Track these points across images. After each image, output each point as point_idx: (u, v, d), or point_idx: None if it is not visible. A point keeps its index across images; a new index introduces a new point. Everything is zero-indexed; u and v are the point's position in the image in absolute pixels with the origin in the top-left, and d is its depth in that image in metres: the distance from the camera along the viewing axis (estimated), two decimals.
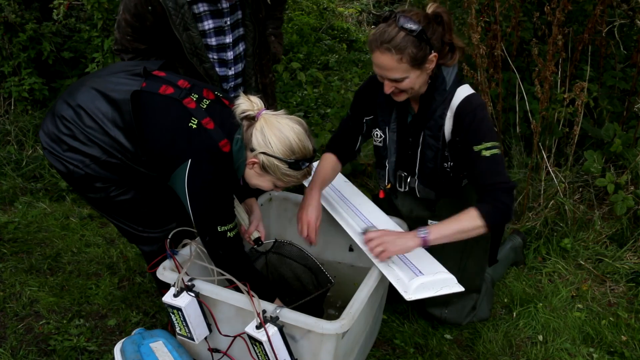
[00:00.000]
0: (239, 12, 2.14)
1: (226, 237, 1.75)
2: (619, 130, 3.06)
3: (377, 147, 2.11)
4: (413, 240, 1.78)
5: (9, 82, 3.89)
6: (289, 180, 1.76)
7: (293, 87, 4.85)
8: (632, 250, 2.71)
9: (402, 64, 1.74)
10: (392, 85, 1.82)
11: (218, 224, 1.73)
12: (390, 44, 1.72)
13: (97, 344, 2.15)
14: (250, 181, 1.82)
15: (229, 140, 1.74)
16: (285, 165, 1.70)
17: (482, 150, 1.79)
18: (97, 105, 1.75)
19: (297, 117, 1.77)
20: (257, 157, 1.70)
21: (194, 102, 1.75)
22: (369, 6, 8.18)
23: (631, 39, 3.40)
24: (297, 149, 1.70)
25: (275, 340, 1.55)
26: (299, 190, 2.89)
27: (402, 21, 1.72)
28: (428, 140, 1.94)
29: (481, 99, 1.94)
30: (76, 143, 1.76)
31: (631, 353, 2.13)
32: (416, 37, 1.71)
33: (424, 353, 2.13)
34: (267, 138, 1.68)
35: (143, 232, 1.96)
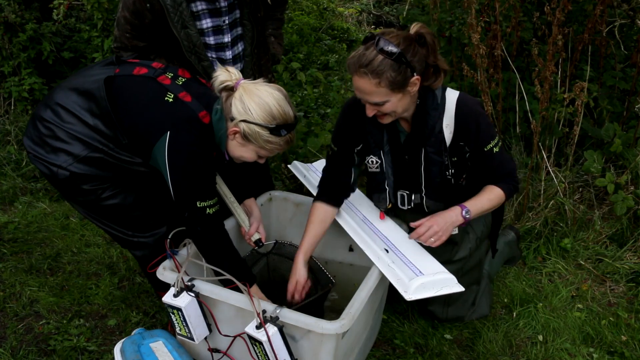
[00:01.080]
0: (237, 11, 2.14)
1: (205, 213, 1.72)
2: (619, 130, 3.06)
3: (374, 174, 2.05)
4: (457, 220, 1.90)
5: (9, 82, 3.89)
6: (271, 147, 1.74)
7: (293, 87, 4.85)
8: (632, 250, 2.71)
9: (380, 88, 1.70)
10: (375, 109, 1.79)
11: (197, 199, 1.70)
12: (367, 68, 1.68)
13: (97, 344, 2.15)
14: (234, 153, 1.80)
15: (208, 111, 1.72)
16: (267, 131, 1.69)
17: (493, 148, 1.90)
18: (73, 100, 1.76)
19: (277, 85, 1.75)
20: (237, 126, 1.69)
21: (169, 80, 1.75)
22: (369, 6, 8.18)
23: (631, 39, 3.40)
24: (277, 114, 1.69)
25: (275, 340, 1.55)
26: (299, 190, 2.89)
27: (381, 44, 1.67)
28: (431, 157, 1.92)
29: (471, 97, 1.96)
30: (58, 143, 1.76)
31: (631, 353, 2.13)
32: (394, 60, 1.66)
33: (424, 353, 2.13)
34: (246, 105, 1.67)
35: (133, 236, 1.95)
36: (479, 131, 1.87)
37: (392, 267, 1.83)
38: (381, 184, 2.05)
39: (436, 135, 1.89)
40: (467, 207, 1.90)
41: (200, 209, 1.71)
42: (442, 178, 1.96)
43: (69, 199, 1.95)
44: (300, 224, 2.36)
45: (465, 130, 1.87)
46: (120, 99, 1.73)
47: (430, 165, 1.95)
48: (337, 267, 2.33)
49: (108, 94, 1.71)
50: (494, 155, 1.91)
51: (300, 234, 2.37)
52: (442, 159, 1.92)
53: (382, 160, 2.01)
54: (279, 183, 3.25)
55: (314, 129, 3.55)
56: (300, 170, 2.46)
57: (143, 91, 1.75)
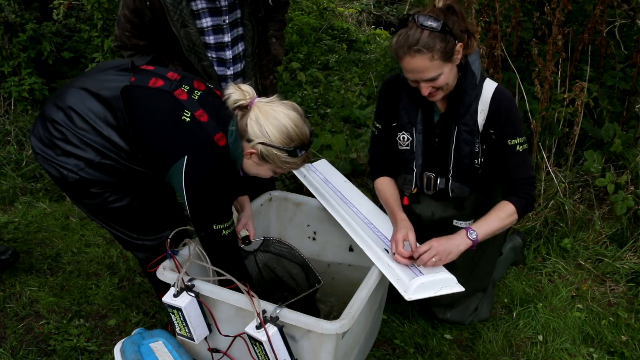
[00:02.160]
0: (238, 10, 2.14)
1: (221, 235, 1.74)
2: (619, 130, 3.06)
3: (404, 152, 2.05)
4: (464, 244, 1.84)
5: (9, 82, 3.89)
6: (288, 167, 1.75)
7: (293, 87, 4.85)
8: (632, 250, 2.71)
9: (434, 61, 1.74)
10: (429, 85, 1.81)
11: (214, 222, 1.71)
12: (419, 45, 1.71)
13: (97, 344, 2.15)
14: (250, 171, 1.80)
15: (224, 133, 1.71)
16: (285, 153, 1.68)
17: (517, 145, 1.89)
18: (87, 106, 1.72)
19: (291, 102, 1.74)
20: (254, 148, 1.69)
21: (186, 94, 1.73)
22: (369, 6, 8.18)
23: (631, 39, 3.40)
24: (295, 136, 1.68)
25: (275, 340, 1.55)
26: (299, 190, 2.89)
27: (422, 19, 1.72)
28: (464, 135, 1.93)
29: (508, 90, 1.96)
30: (69, 147, 1.73)
31: (631, 353, 2.13)
32: (440, 32, 1.72)
33: (424, 353, 2.13)
34: (263, 128, 1.66)
35: (137, 239, 1.94)
36: (508, 122, 1.88)
37: (392, 267, 1.83)
38: (409, 163, 2.04)
39: (471, 114, 1.90)
40: (472, 228, 1.86)
41: (216, 231, 1.73)
42: (470, 161, 1.95)
43: (75, 200, 1.93)
44: (300, 223, 2.37)
45: (496, 117, 1.88)
46: (137, 113, 1.71)
47: (461, 144, 1.94)
48: (337, 267, 2.34)
49: (125, 106, 1.69)
50: (515, 153, 1.89)
51: (301, 233, 2.38)
52: (473, 139, 1.92)
53: (414, 138, 2.01)
54: (279, 183, 3.25)
55: (313, 129, 3.55)
56: (301, 170, 2.46)
57: (160, 108, 1.73)
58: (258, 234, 2.33)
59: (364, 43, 6.68)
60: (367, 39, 6.80)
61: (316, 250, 2.36)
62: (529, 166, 1.97)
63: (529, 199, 1.92)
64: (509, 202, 1.89)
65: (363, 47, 6.58)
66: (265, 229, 2.38)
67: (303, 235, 2.38)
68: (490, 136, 1.91)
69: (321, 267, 2.29)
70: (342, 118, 3.98)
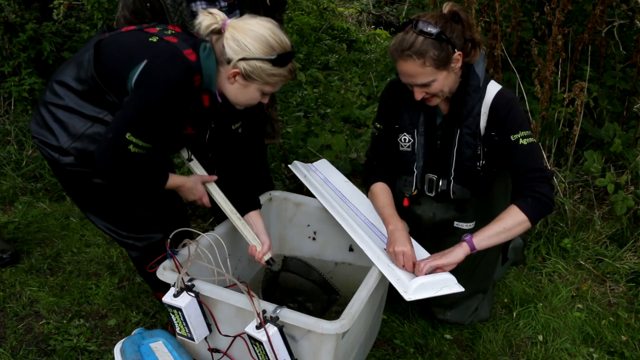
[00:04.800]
0: (237, 11, 2.14)
1: (126, 147, 1.60)
2: (619, 130, 3.06)
3: (404, 153, 2.04)
4: (461, 250, 1.79)
5: (9, 82, 3.89)
6: (276, 80, 1.68)
7: (293, 87, 4.86)
8: (632, 250, 2.71)
9: (426, 68, 1.73)
10: (422, 91, 1.81)
11: (131, 131, 1.59)
12: (411, 50, 1.71)
13: (97, 344, 2.15)
14: (238, 99, 1.73)
15: (195, 50, 1.63)
16: (269, 64, 1.62)
17: (520, 139, 1.82)
18: (67, 72, 1.74)
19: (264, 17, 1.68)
20: (236, 67, 1.62)
21: (156, 30, 1.70)
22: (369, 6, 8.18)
23: (631, 39, 3.40)
24: (275, 44, 1.62)
25: (275, 340, 1.55)
26: (299, 190, 2.89)
27: (420, 26, 1.71)
28: (466, 138, 1.92)
29: (512, 92, 1.94)
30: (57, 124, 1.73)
31: (631, 353, 2.13)
32: (435, 39, 1.71)
33: (424, 353, 2.13)
34: (241, 42, 1.60)
35: (127, 237, 1.93)
36: (508, 118, 1.85)
37: (392, 267, 1.83)
38: (410, 165, 2.04)
39: (474, 117, 1.89)
40: (474, 242, 1.79)
41: (125, 141, 1.60)
42: (472, 164, 1.94)
43: (69, 192, 1.93)
44: (300, 223, 2.37)
45: (496, 117, 1.87)
46: (104, 53, 1.68)
47: (463, 147, 1.93)
48: (337, 267, 2.34)
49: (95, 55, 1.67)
50: (520, 146, 1.81)
51: (301, 233, 2.38)
52: (475, 142, 1.91)
53: (415, 140, 2.01)
54: (279, 183, 3.25)
55: (313, 129, 3.55)
56: (301, 170, 2.46)
57: (127, 40, 1.70)
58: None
59: (364, 43, 6.69)
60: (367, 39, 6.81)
61: (316, 250, 2.36)
62: (538, 159, 1.84)
63: (537, 196, 1.76)
64: (514, 204, 1.79)
65: (363, 47, 6.59)
66: (265, 229, 2.38)
67: (303, 235, 2.38)
68: (492, 138, 1.90)
69: (327, 267, 2.29)
70: (342, 118, 3.98)
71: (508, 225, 1.77)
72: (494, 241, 1.80)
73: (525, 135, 1.82)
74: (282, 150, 3.40)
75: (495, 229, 1.78)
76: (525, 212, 1.76)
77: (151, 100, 1.59)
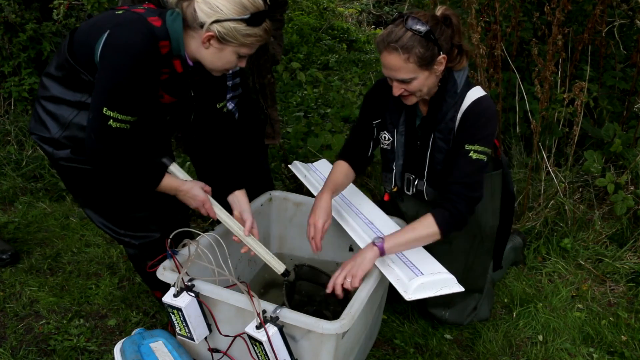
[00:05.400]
0: None
1: (106, 123, 1.58)
2: (619, 130, 3.06)
3: (385, 150, 2.09)
4: (371, 252, 1.78)
5: (9, 82, 3.89)
6: (252, 41, 1.64)
7: (293, 87, 4.86)
8: (632, 250, 2.71)
9: (409, 64, 1.74)
10: (401, 87, 1.81)
11: (106, 105, 1.57)
12: (397, 44, 1.72)
13: (97, 344, 2.15)
14: (214, 64, 1.69)
15: (161, 17, 1.61)
16: (243, 24, 1.59)
17: (472, 151, 1.81)
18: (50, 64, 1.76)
19: None
20: (210, 30, 1.59)
21: (126, 6, 1.70)
22: (369, 6, 8.19)
23: (631, 39, 3.40)
24: (247, 3, 1.59)
25: (275, 340, 1.55)
26: (299, 190, 2.89)
27: (410, 22, 1.72)
28: (438, 142, 1.93)
29: (491, 101, 1.91)
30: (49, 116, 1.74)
31: (631, 353, 2.13)
32: (423, 37, 1.71)
33: (424, 353, 2.13)
34: (212, 4, 1.57)
35: (124, 236, 1.93)
36: (471, 126, 1.84)
37: (392, 267, 1.83)
38: (390, 163, 2.08)
39: (447, 123, 1.89)
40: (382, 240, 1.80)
41: (104, 117, 1.57)
42: (444, 167, 1.95)
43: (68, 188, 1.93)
44: (300, 224, 2.36)
45: (463, 122, 1.87)
46: (76, 35, 1.68)
47: (435, 151, 1.95)
48: (338, 267, 2.33)
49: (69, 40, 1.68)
50: (467, 159, 1.80)
51: (301, 233, 2.37)
52: (447, 146, 1.92)
53: (394, 139, 2.03)
54: (279, 183, 3.25)
55: (314, 129, 3.55)
56: (301, 170, 2.46)
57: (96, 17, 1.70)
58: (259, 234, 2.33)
59: (364, 43, 6.69)
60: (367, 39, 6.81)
61: None
62: (476, 176, 1.82)
63: (454, 213, 1.78)
64: (430, 214, 1.80)
65: (363, 47, 6.59)
66: (266, 229, 2.38)
67: (303, 235, 2.37)
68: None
69: (327, 267, 2.28)
70: (342, 118, 3.98)
71: (420, 235, 1.81)
72: (403, 249, 1.83)
73: (479, 150, 1.80)
74: (282, 150, 3.40)
75: (407, 237, 1.81)
76: (439, 226, 1.78)
77: (117, 68, 1.56)
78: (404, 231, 1.84)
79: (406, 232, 1.82)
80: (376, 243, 1.79)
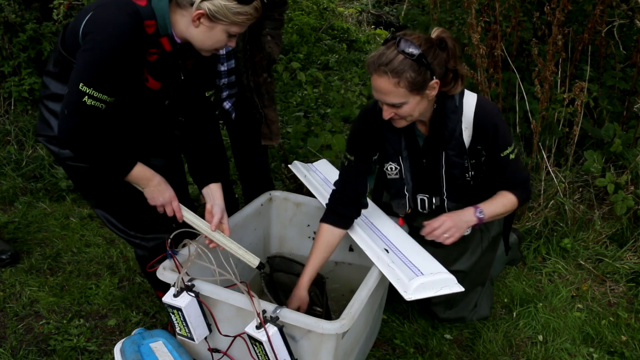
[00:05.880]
0: None
1: (81, 99, 1.55)
2: (619, 130, 3.06)
3: (394, 180, 2.02)
4: (472, 220, 1.90)
5: (9, 82, 3.89)
6: (242, 19, 1.62)
7: (293, 87, 4.86)
8: (632, 250, 2.71)
9: (399, 88, 1.68)
10: (391, 111, 1.76)
11: (83, 81, 1.55)
12: (388, 67, 1.66)
13: (97, 344, 2.15)
14: (204, 44, 1.67)
15: None
16: (234, 1, 1.57)
17: (510, 155, 1.90)
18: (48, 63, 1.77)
19: None
20: (200, 8, 1.58)
21: None
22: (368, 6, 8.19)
23: (631, 39, 3.40)
24: None
25: (275, 340, 1.55)
26: (299, 190, 2.90)
27: (402, 45, 1.66)
28: (453, 160, 1.91)
29: (486, 99, 1.93)
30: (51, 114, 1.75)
31: (631, 353, 2.13)
32: (415, 61, 1.65)
33: (424, 353, 2.13)
34: None
35: (135, 237, 1.92)
36: (497, 136, 1.85)
37: (392, 267, 1.83)
38: (400, 190, 2.02)
39: (457, 139, 1.87)
40: (480, 207, 1.90)
41: (79, 92, 1.55)
42: (462, 180, 1.95)
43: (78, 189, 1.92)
44: (300, 223, 2.37)
45: (483, 133, 1.86)
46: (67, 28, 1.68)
47: (451, 168, 1.93)
48: (337, 267, 2.33)
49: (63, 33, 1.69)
50: (510, 162, 1.90)
51: (301, 233, 2.38)
52: (462, 161, 1.91)
53: (402, 167, 1.98)
54: (279, 183, 3.25)
55: (314, 129, 3.55)
56: (301, 170, 2.46)
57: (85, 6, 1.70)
58: (258, 234, 2.33)
59: (364, 43, 6.69)
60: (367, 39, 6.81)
61: None
62: (522, 168, 2.00)
63: (527, 192, 2.01)
64: (510, 193, 1.94)
65: (363, 47, 6.59)
66: (266, 229, 2.38)
67: (303, 235, 2.39)
68: (479, 152, 1.91)
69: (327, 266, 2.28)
70: (342, 118, 3.98)
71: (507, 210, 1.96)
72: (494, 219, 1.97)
73: (512, 149, 1.91)
74: (282, 150, 3.40)
75: (500, 210, 1.94)
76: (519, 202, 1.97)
77: (97, 46, 1.55)
78: (497, 205, 1.93)
79: (498, 207, 1.93)
80: (478, 215, 1.89)
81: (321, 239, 1.98)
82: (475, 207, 1.90)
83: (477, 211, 1.89)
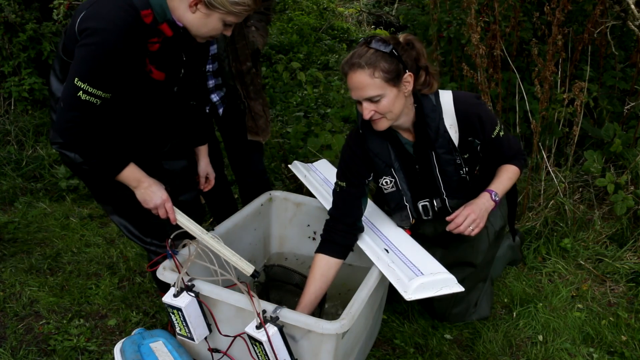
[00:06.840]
0: None
1: (76, 94, 1.56)
2: (619, 130, 3.06)
3: (391, 194, 2.02)
4: (489, 205, 1.94)
5: (9, 82, 3.89)
6: (240, 10, 1.61)
7: (293, 87, 4.86)
8: (632, 250, 2.71)
9: (375, 79, 1.72)
10: (371, 109, 1.78)
11: (78, 75, 1.55)
12: (362, 60, 1.72)
13: (97, 344, 2.15)
14: (199, 30, 1.66)
15: None
16: None
17: (499, 132, 1.96)
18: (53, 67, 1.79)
19: None
20: None
21: None
22: (368, 6, 8.19)
23: (631, 39, 3.40)
24: None
25: (275, 340, 1.55)
26: (299, 190, 2.89)
27: (374, 43, 1.75)
28: (444, 157, 1.93)
29: (464, 92, 2.00)
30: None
31: (631, 353, 2.13)
32: (387, 54, 1.73)
33: (424, 353, 2.13)
34: None
35: (151, 244, 1.92)
36: (483, 122, 1.90)
37: (392, 267, 1.83)
38: (400, 202, 2.02)
39: (442, 135, 1.90)
40: (493, 190, 1.95)
41: (74, 87, 1.55)
42: (458, 176, 1.97)
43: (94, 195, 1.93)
44: (300, 223, 2.37)
45: (470, 125, 1.89)
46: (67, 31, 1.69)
47: (444, 166, 1.95)
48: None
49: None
50: (501, 139, 1.97)
51: (300, 233, 2.38)
52: (454, 157, 1.93)
53: (396, 178, 1.99)
54: (279, 183, 3.25)
55: (314, 129, 3.55)
56: (301, 170, 2.46)
57: None
58: (258, 234, 2.33)
59: None
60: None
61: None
62: (512, 138, 2.06)
63: (524, 158, 2.09)
64: (510, 165, 2.02)
65: None
66: (266, 229, 2.39)
67: (303, 235, 2.39)
68: (470, 143, 1.93)
69: None
70: (342, 118, 3.98)
71: (513, 181, 2.03)
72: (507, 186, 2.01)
73: (500, 127, 1.97)
74: (282, 150, 3.40)
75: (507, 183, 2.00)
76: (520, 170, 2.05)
77: (93, 40, 1.54)
78: (504, 181, 1.99)
79: (504, 180, 1.99)
80: (494, 198, 1.94)
81: (317, 270, 1.94)
82: (488, 191, 1.95)
83: (493, 195, 1.94)
